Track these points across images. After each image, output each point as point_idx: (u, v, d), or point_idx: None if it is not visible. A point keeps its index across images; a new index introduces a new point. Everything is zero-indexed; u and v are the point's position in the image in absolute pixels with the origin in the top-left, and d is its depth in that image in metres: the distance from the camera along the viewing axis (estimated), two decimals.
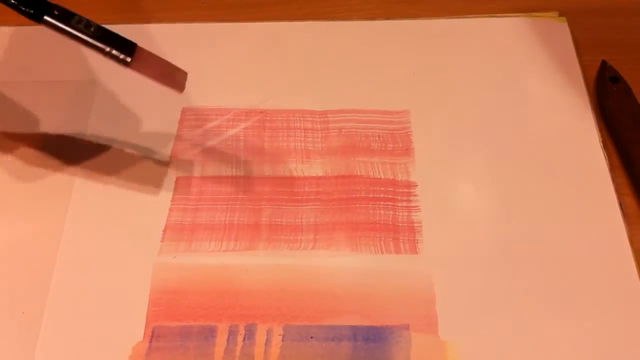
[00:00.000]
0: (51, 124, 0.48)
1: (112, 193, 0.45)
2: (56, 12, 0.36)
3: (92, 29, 0.37)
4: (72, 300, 0.40)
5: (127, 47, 0.38)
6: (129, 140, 0.47)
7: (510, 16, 0.55)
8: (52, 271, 0.41)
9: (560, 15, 0.55)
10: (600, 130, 0.48)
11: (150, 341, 0.39)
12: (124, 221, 0.43)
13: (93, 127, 0.48)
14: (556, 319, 0.39)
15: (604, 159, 0.46)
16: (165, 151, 0.47)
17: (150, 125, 0.48)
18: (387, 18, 0.55)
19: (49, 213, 0.44)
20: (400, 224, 0.43)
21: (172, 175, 0.46)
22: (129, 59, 0.38)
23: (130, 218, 0.44)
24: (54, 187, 0.45)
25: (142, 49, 0.39)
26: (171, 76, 0.41)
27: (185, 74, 0.41)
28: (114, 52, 0.38)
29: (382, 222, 0.43)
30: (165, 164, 0.46)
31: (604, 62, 0.51)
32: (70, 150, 0.47)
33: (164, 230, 0.43)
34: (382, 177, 0.45)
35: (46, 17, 0.36)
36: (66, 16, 0.37)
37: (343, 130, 0.48)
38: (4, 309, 0.40)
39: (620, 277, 0.41)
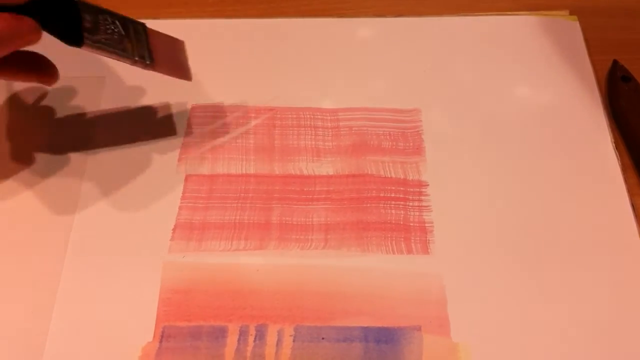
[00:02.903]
0: (59, 119, 0.48)
1: (121, 191, 0.44)
2: (87, 22, 0.38)
3: (116, 35, 0.40)
4: (81, 299, 0.40)
5: (146, 52, 0.41)
6: (138, 138, 0.47)
7: (521, 14, 0.54)
8: (60, 269, 0.41)
9: (571, 13, 0.54)
10: (612, 130, 0.47)
11: (161, 341, 0.38)
12: (133, 219, 0.43)
13: (101, 124, 0.47)
14: (569, 320, 0.39)
15: (616, 159, 0.46)
16: (175, 149, 0.46)
17: (159, 122, 0.48)
18: (397, 15, 0.55)
19: (58, 211, 0.43)
20: (411, 224, 0.43)
21: (181, 173, 0.45)
22: (148, 62, 0.41)
23: (139, 216, 0.43)
24: (63, 184, 0.44)
25: (156, 48, 0.42)
26: (182, 68, 0.44)
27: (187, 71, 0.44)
28: (138, 62, 0.41)
29: (393, 222, 0.43)
30: (174, 161, 0.46)
31: (615, 62, 0.51)
32: (79, 147, 0.46)
33: (174, 229, 0.43)
34: (393, 176, 0.45)
35: (85, 43, 0.38)
36: (95, 23, 0.39)
37: (354, 128, 0.47)
38: (12, 306, 0.40)
39: (634, 277, 0.41)
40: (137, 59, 0.41)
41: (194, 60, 0.51)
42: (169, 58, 0.43)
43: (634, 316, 0.39)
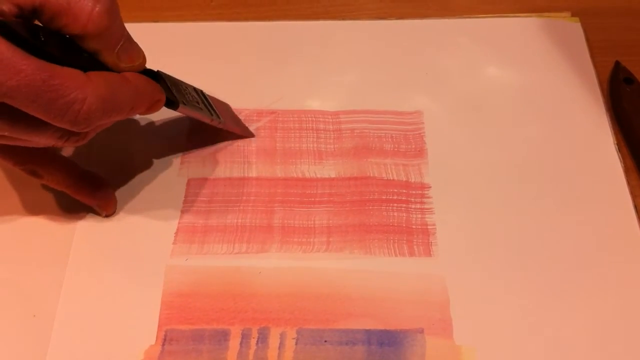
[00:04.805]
0: None
1: (124, 195, 0.44)
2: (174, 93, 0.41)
3: (193, 98, 0.43)
4: (84, 303, 0.40)
5: (214, 110, 0.45)
6: (140, 142, 0.47)
7: (523, 16, 0.54)
8: (63, 273, 0.41)
9: (573, 15, 0.54)
10: (615, 132, 0.47)
11: (163, 345, 0.38)
12: (135, 223, 0.43)
13: (104, 130, 0.47)
14: (573, 322, 0.39)
15: (618, 161, 0.46)
16: (177, 152, 0.46)
17: (161, 126, 0.48)
18: (398, 18, 0.55)
19: (61, 214, 0.43)
20: (413, 227, 0.43)
21: (183, 176, 0.45)
22: (221, 120, 0.45)
23: (142, 220, 0.43)
24: None
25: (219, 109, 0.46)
26: (241, 125, 0.47)
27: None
28: (214, 120, 0.44)
29: (395, 224, 0.43)
30: (177, 165, 0.46)
31: (617, 63, 0.50)
32: (80, 152, 0.46)
33: (176, 233, 0.43)
34: (395, 178, 0.45)
35: (180, 105, 0.41)
36: (177, 88, 0.42)
37: (355, 131, 0.47)
38: (15, 311, 0.40)
39: (637, 280, 0.40)
40: (213, 117, 0.44)
41: (196, 63, 0.51)
42: (229, 117, 0.46)
43: (638, 318, 0.39)
